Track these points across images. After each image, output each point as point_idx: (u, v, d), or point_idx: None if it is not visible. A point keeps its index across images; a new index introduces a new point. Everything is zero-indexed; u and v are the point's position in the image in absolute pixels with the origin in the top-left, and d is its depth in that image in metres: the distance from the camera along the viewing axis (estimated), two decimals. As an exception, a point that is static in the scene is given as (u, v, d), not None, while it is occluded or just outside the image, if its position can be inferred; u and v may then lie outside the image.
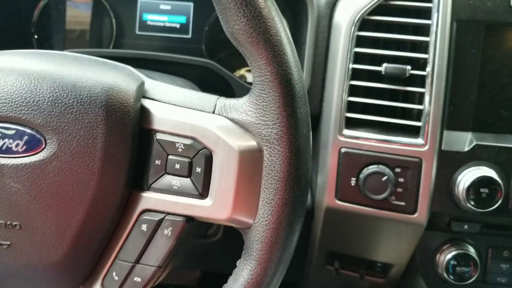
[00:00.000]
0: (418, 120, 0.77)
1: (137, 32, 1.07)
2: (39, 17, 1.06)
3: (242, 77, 1.03)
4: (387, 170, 0.77)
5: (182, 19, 1.07)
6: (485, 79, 0.78)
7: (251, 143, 0.51)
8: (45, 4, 1.05)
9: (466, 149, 0.77)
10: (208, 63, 0.93)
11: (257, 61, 0.50)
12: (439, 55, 0.76)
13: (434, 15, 0.76)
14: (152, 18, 1.07)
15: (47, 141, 0.51)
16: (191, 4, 1.06)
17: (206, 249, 0.97)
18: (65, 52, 0.59)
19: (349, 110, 0.80)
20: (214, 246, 0.95)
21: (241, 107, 0.53)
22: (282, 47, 0.49)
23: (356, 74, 0.80)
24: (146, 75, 0.60)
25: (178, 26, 1.07)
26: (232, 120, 0.53)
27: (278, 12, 0.50)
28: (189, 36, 1.07)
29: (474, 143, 0.77)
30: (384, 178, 0.76)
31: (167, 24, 1.07)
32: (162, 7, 1.07)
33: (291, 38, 0.51)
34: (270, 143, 0.51)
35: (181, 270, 1.18)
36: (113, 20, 1.07)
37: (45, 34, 1.07)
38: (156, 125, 0.53)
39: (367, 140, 0.78)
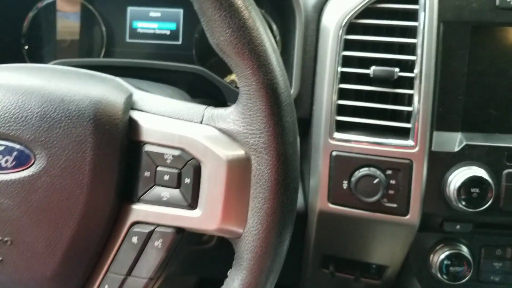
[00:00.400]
0: (408, 121, 0.78)
1: (128, 40, 1.07)
2: (29, 27, 1.06)
3: (233, 82, 1.03)
4: (378, 172, 0.77)
5: (172, 26, 1.07)
6: (473, 80, 0.79)
7: (239, 152, 0.52)
8: (35, 15, 1.05)
9: (456, 149, 0.77)
10: (198, 70, 0.93)
11: (243, 71, 0.50)
12: (426, 57, 0.77)
13: (421, 17, 0.77)
14: (142, 26, 1.07)
15: (36, 156, 0.51)
16: (181, 11, 1.06)
17: (202, 256, 0.97)
18: (53, 66, 0.59)
19: (339, 113, 0.80)
20: (209, 252, 0.96)
21: (229, 116, 0.53)
22: (267, 57, 0.49)
23: (345, 77, 0.80)
24: (135, 85, 0.60)
25: (168, 33, 1.07)
26: (219, 129, 0.53)
27: (263, 22, 0.50)
28: (180, 42, 1.07)
29: (464, 143, 0.77)
30: (375, 181, 0.77)
31: (157, 31, 1.07)
32: (152, 14, 1.07)
33: (276, 48, 0.51)
34: (257, 152, 0.51)
35: (178, 277, 1.18)
36: (103, 29, 1.07)
37: (36, 44, 1.07)
38: (144, 137, 0.53)
39: (358, 143, 0.79)
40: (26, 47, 1.06)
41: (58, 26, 1.08)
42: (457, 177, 0.76)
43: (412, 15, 0.78)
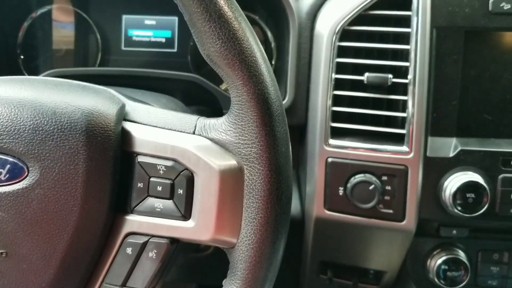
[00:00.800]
0: (402, 127, 0.78)
1: (123, 48, 1.08)
2: (24, 38, 1.06)
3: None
4: (373, 178, 0.77)
5: (168, 34, 1.07)
6: (467, 85, 0.79)
7: (232, 162, 0.52)
8: (30, 25, 1.06)
9: (451, 154, 0.77)
10: (193, 77, 0.93)
11: (234, 81, 0.50)
12: (420, 63, 0.77)
13: (414, 23, 0.77)
14: (137, 34, 1.08)
15: (30, 169, 0.51)
16: (176, 19, 1.07)
17: (200, 263, 0.97)
18: (45, 78, 0.59)
19: (334, 120, 0.81)
20: (207, 259, 0.96)
21: (221, 126, 0.53)
22: (257, 67, 0.49)
23: (339, 84, 0.81)
24: (128, 95, 0.61)
25: (163, 40, 1.08)
26: (212, 140, 0.53)
27: (252, 33, 0.51)
28: (175, 50, 1.08)
29: (459, 148, 0.77)
30: (371, 187, 0.77)
31: (153, 39, 1.08)
32: (147, 22, 1.07)
33: (266, 58, 0.51)
34: (250, 162, 0.51)
35: (176, 284, 1.18)
36: (98, 37, 1.07)
37: (31, 54, 1.07)
38: (137, 148, 0.53)
39: (353, 149, 0.79)
40: (22, 57, 1.06)
41: (53, 35, 1.08)
42: (452, 183, 0.76)
43: (405, 21, 0.78)
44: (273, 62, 1.01)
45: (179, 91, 0.97)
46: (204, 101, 0.96)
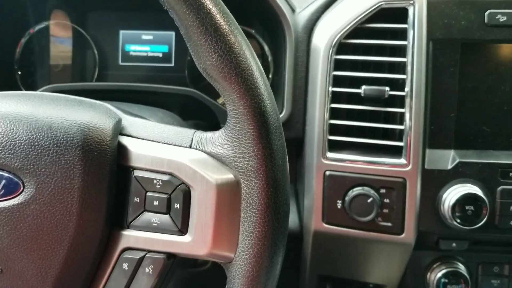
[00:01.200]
0: (400, 140, 0.78)
1: (120, 63, 1.08)
2: (21, 54, 1.06)
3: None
4: (372, 191, 0.77)
5: (165, 48, 1.08)
6: (464, 97, 0.79)
7: (228, 176, 0.51)
8: (27, 41, 1.06)
9: (449, 167, 0.77)
10: (191, 92, 0.93)
11: (230, 95, 0.50)
12: (416, 75, 0.77)
13: (410, 36, 0.77)
14: (134, 49, 1.08)
15: (25, 184, 0.51)
16: (173, 33, 1.07)
17: (198, 278, 0.97)
18: (41, 93, 0.59)
19: (331, 133, 0.80)
20: (205, 274, 0.95)
21: (217, 140, 0.53)
22: (254, 81, 0.49)
23: (336, 97, 0.81)
24: (125, 109, 0.60)
25: (160, 55, 1.08)
26: (208, 153, 0.53)
27: (249, 46, 0.51)
28: (172, 64, 1.08)
29: (457, 160, 0.77)
30: (369, 200, 0.76)
31: (150, 54, 1.08)
32: (144, 37, 1.08)
33: (263, 71, 0.51)
34: (247, 175, 0.51)
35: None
36: (96, 52, 1.07)
37: (29, 70, 1.08)
38: (133, 162, 0.53)
39: (351, 162, 0.79)
40: (19, 72, 1.07)
41: (51, 51, 1.08)
42: (451, 195, 0.75)
43: (401, 34, 0.79)
44: (270, 76, 1.01)
45: (176, 106, 0.97)
46: (202, 115, 0.96)
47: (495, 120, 0.79)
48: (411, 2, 0.77)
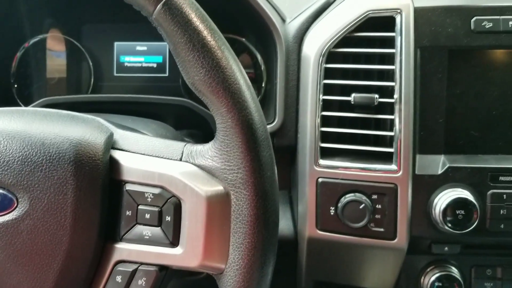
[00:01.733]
0: (391, 146, 0.79)
1: (115, 74, 1.09)
2: (17, 67, 1.07)
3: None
4: (364, 197, 0.78)
5: (159, 59, 1.09)
6: (453, 102, 0.80)
7: (218, 188, 0.52)
8: (22, 54, 1.07)
9: (440, 172, 0.78)
10: (185, 102, 0.94)
11: (218, 109, 0.51)
12: (405, 82, 0.78)
13: (398, 44, 0.78)
14: (129, 60, 1.09)
15: (19, 200, 0.52)
16: (167, 44, 1.08)
17: (197, 286, 0.97)
18: (34, 109, 0.60)
19: (323, 140, 0.81)
20: (202, 282, 0.96)
21: (207, 153, 0.54)
22: (241, 94, 0.50)
23: (327, 105, 0.82)
24: (118, 123, 0.62)
25: (155, 65, 1.09)
26: (198, 166, 0.54)
27: (235, 60, 0.52)
28: (166, 74, 1.09)
29: (447, 165, 0.78)
30: (361, 206, 0.77)
31: (144, 65, 1.09)
32: (139, 48, 1.09)
33: (250, 85, 0.52)
34: (236, 187, 0.52)
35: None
36: (91, 64, 1.09)
37: (25, 83, 1.09)
38: (125, 176, 0.54)
39: (343, 169, 0.80)
40: (16, 86, 1.08)
41: (47, 64, 1.10)
42: (442, 200, 0.76)
43: (390, 42, 0.80)
44: (263, 85, 1.02)
45: (171, 115, 0.98)
46: (196, 125, 0.97)
47: (484, 125, 0.80)
48: (398, 10, 0.78)
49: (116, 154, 0.55)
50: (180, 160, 0.55)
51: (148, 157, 0.55)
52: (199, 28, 0.50)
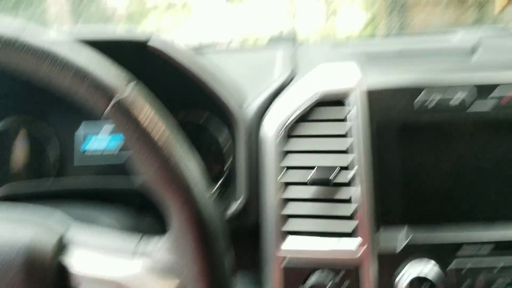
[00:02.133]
0: (352, 219, 0.79)
1: (76, 164, 1.09)
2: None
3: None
4: (328, 278, 0.77)
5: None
6: (409, 175, 0.81)
7: (175, 282, 0.53)
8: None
9: (401, 247, 0.78)
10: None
11: (169, 207, 0.52)
12: (363, 157, 0.80)
13: (353, 119, 0.81)
14: (89, 148, 1.10)
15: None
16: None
17: None
18: None
19: (285, 222, 0.82)
20: None
21: (162, 248, 0.54)
22: (191, 193, 0.51)
23: (287, 185, 0.83)
24: (78, 211, 0.61)
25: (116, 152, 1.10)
26: (154, 261, 0.54)
27: (186, 158, 0.52)
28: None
29: (410, 237, 0.78)
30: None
31: (105, 153, 1.10)
32: (100, 137, 1.10)
33: (201, 181, 0.53)
34: (193, 281, 0.52)
35: None
36: (53, 153, 1.09)
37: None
38: (77, 281, 0.53)
39: (306, 252, 0.80)
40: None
41: (8, 152, 1.10)
42: (405, 275, 0.76)
43: (344, 118, 0.82)
44: (224, 169, 1.04)
45: (136, 196, 0.98)
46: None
47: (441, 196, 0.82)
48: (347, 93, 0.82)
49: (67, 259, 0.54)
50: (135, 254, 0.54)
51: (102, 255, 0.55)
52: (149, 128, 0.51)
